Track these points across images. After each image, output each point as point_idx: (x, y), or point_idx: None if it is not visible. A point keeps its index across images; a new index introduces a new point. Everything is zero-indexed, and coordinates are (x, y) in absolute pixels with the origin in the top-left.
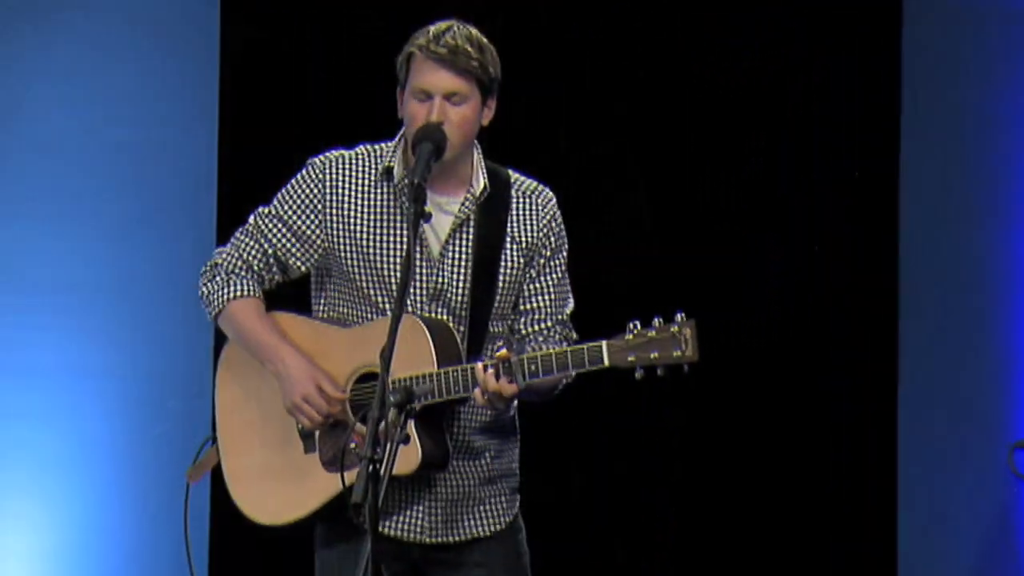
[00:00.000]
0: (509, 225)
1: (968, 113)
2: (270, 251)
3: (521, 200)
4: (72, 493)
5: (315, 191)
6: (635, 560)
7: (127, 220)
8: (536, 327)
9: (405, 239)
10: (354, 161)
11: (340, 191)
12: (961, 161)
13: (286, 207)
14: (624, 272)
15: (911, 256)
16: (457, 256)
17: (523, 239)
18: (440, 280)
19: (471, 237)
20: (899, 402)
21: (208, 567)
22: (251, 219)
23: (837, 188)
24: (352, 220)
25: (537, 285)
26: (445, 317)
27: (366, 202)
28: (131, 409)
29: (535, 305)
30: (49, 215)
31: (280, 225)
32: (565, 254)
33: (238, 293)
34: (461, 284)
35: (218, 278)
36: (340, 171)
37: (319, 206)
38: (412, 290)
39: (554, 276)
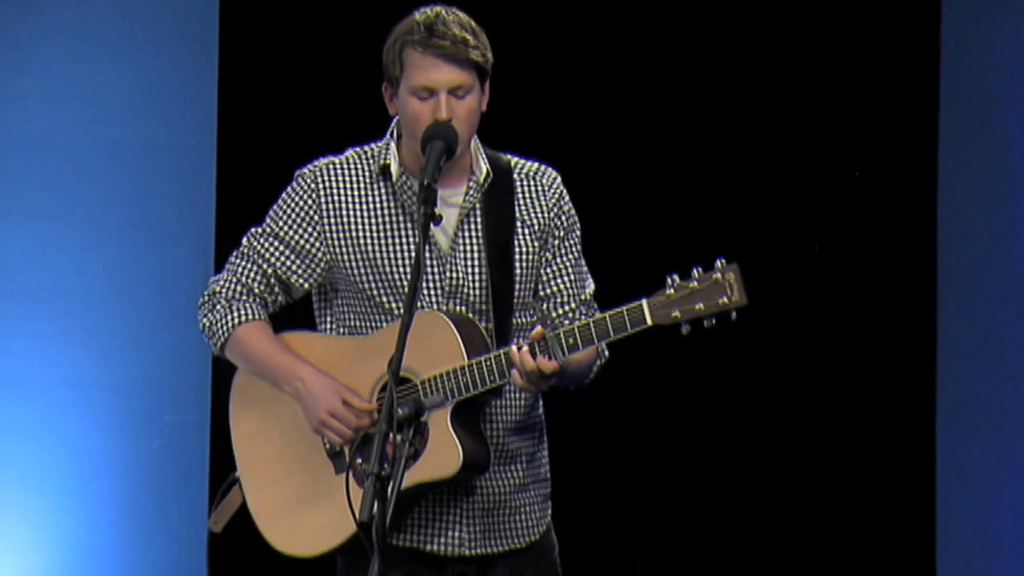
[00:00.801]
0: (517, 209)
1: (1008, 105)
2: (270, 271)
3: (526, 182)
4: (62, 512)
5: (309, 202)
6: (663, 566)
7: (120, 223)
8: (560, 311)
9: (411, 238)
10: (346, 166)
11: (336, 198)
12: (1001, 157)
13: (281, 223)
14: (640, 249)
15: (950, 256)
16: (469, 248)
17: (534, 221)
18: (454, 275)
19: (480, 226)
20: (937, 410)
21: None
22: (245, 241)
23: (873, 186)
24: (353, 227)
25: (554, 268)
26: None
27: (365, 205)
28: (125, 423)
29: (555, 288)
30: (37, 217)
31: (276, 243)
32: (578, 233)
33: (242, 319)
34: (477, 277)
35: (219, 307)
36: (333, 178)
37: (316, 217)
38: (427, 290)
39: (570, 256)
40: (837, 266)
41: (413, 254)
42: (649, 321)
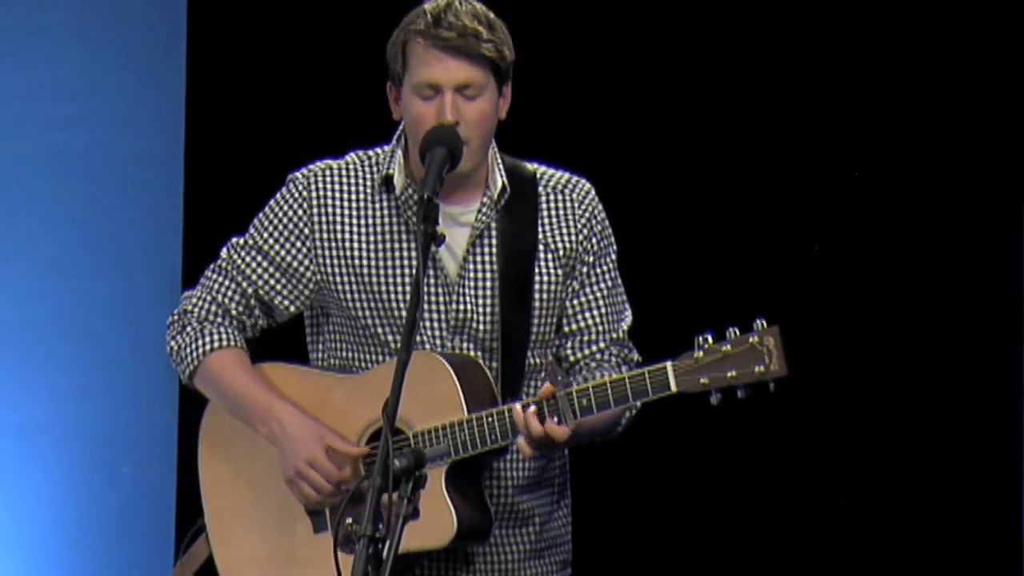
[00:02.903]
0: (540, 229)
1: None
2: (250, 290)
3: (551, 197)
4: (8, 574)
5: (300, 212)
6: None
7: (72, 243)
8: (587, 351)
9: (413, 260)
10: (344, 172)
11: (330, 210)
12: None
13: (266, 235)
14: (688, 277)
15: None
16: (480, 275)
17: (559, 245)
18: (462, 307)
19: (494, 250)
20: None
21: None
22: (223, 253)
23: (873, 186)
24: (348, 244)
25: (582, 299)
26: (472, 352)
27: (363, 220)
28: (77, 475)
29: (583, 324)
30: None
31: (260, 258)
32: (614, 256)
33: (216, 344)
34: (488, 310)
35: (189, 328)
36: (328, 186)
37: (306, 231)
38: (428, 322)
39: (603, 285)
40: (837, 266)
41: (412, 283)
42: (674, 387)
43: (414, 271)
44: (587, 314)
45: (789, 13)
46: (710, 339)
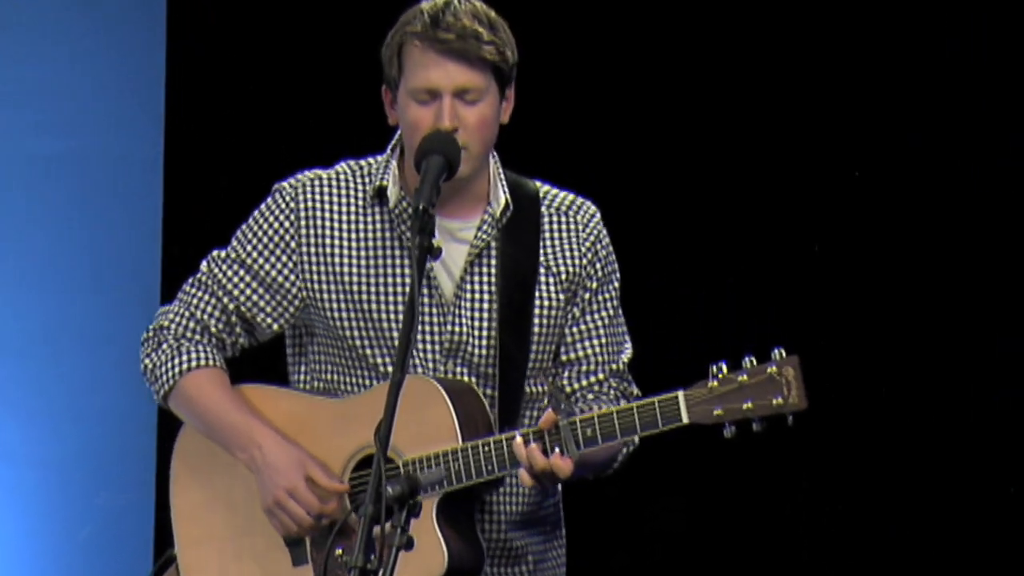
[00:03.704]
0: (542, 252)
1: None
2: (231, 307)
3: (555, 219)
4: None
5: (287, 225)
6: None
7: (44, 261)
8: (584, 382)
9: (407, 279)
10: (335, 183)
11: (319, 223)
12: None
13: (249, 248)
14: (688, 277)
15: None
16: (477, 297)
17: (561, 269)
18: (457, 329)
19: (494, 271)
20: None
21: None
22: (204, 266)
23: (873, 186)
24: (337, 260)
25: (582, 327)
26: (467, 378)
27: (354, 235)
28: (50, 504)
29: (581, 353)
30: None
31: (243, 272)
32: (617, 285)
33: (193, 363)
34: (484, 334)
35: (165, 346)
36: (317, 197)
37: (292, 244)
38: (421, 344)
39: (604, 314)
40: (837, 266)
41: (407, 300)
42: (685, 419)
43: (407, 289)
44: (587, 343)
45: (789, 13)
46: (725, 368)
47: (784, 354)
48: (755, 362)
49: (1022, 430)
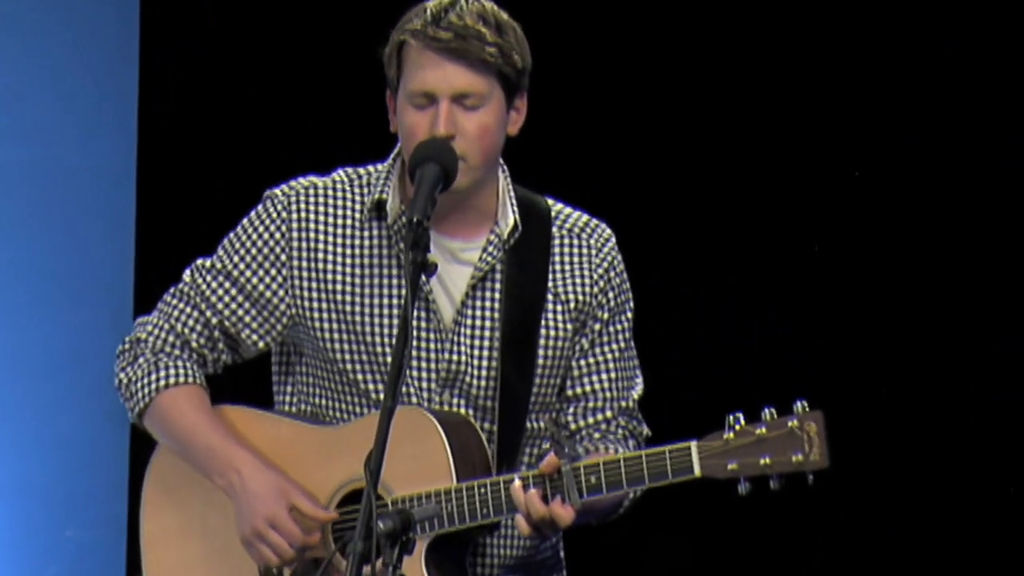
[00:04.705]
0: (551, 277)
1: None
2: (214, 321)
3: (567, 241)
4: None
5: (277, 236)
6: None
7: (13, 274)
8: (591, 419)
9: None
10: (330, 193)
11: (312, 235)
12: None
13: (236, 259)
14: (688, 277)
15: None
16: (479, 324)
17: (570, 296)
18: (455, 358)
19: (498, 296)
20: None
21: None
22: (187, 276)
23: (873, 186)
24: (330, 276)
25: (591, 360)
26: (464, 410)
27: (349, 250)
28: (15, 540)
29: (589, 388)
30: None
31: (228, 284)
32: (630, 315)
33: (171, 380)
34: (484, 363)
35: (142, 360)
36: (312, 207)
37: (283, 257)
38: (416, 371)
39: (615, 347)
40: (837, 266)
41: (400, 322)
42: (697, 472)
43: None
44: (595, 377)
45: (789, 13)
46: (742, 419)
47: (807, 407)
48: (775, 414)
49: (1022, 430)
